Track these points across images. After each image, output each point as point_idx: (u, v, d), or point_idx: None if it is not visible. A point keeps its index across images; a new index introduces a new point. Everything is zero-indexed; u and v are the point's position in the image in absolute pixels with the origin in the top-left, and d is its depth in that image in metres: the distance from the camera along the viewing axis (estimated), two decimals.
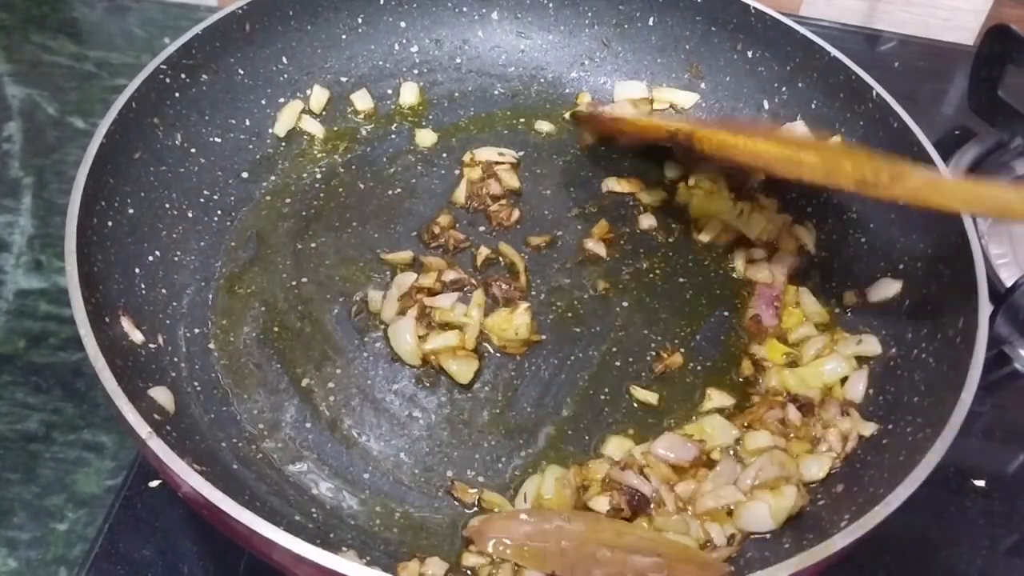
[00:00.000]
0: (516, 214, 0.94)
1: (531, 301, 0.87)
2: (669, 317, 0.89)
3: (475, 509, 0.75)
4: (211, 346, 0.83)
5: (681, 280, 0.92)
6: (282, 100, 0.99)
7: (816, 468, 0.75)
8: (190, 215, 0.89)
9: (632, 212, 0.97)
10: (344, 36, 1.04)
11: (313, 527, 0.72)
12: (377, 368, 0.83)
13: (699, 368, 0.85)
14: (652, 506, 0.73)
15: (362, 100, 1.03)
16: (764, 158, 0.82)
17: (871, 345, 0.84)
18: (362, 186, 0.97)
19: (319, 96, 1.01)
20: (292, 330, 0.85)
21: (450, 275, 0.87)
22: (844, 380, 0.83)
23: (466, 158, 0.99)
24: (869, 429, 0.77)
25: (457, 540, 0.72)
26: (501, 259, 0.91)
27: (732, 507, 0.73)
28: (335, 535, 0.72)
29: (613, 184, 0.99)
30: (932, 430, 0.68)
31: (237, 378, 0.81)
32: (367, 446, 0.78)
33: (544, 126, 1.04)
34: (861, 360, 0.84)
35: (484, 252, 0.91)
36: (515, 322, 0.84)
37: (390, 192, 0.96)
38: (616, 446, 0.79)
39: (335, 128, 1.01)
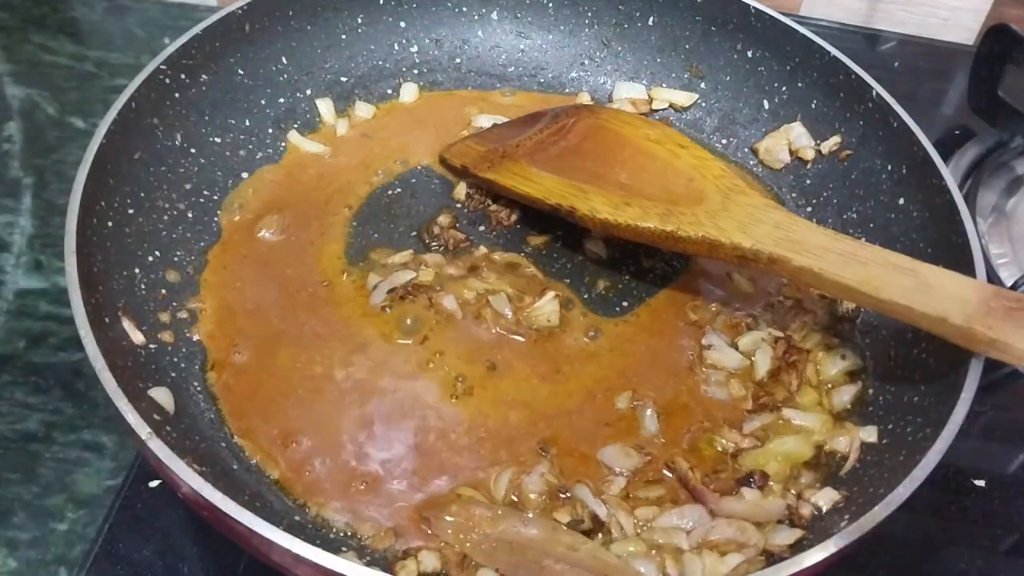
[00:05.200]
0: (516, 215, 0.94)
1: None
2: None
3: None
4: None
5: (682, 280, 0.92)
6: (283, 126, 0.99)
7: (787, 535, 0.71)
8: (190, 215, 0.89)
9: None
10: (344, 36, 1.04)
11: (313, 527, 0.72)
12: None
13: None
14: (608, 527, 0.72)
15: (363, 109, 1.03)
16: (646, 237, 0.84)
17: (854, 360, 0.83)
18: (362, 186, 0.97)
19: (324, 109, 1.01)
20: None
21: (450, 270, 0.88)
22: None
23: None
24: (871, 435, 0.77)
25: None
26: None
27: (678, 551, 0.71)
28: (334, 535, 0.72)
29: None
30: (932, 430, 0.68)
31: None
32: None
33: None
34: (853, 375, 0.83)
35: (482, 251, 0.91)
36: (545, 309, 0.85)
37: (390, 192, 0.97)
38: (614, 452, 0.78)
39: (337, 135, 1.01)
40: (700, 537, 0.71)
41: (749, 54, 1.02)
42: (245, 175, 0.95)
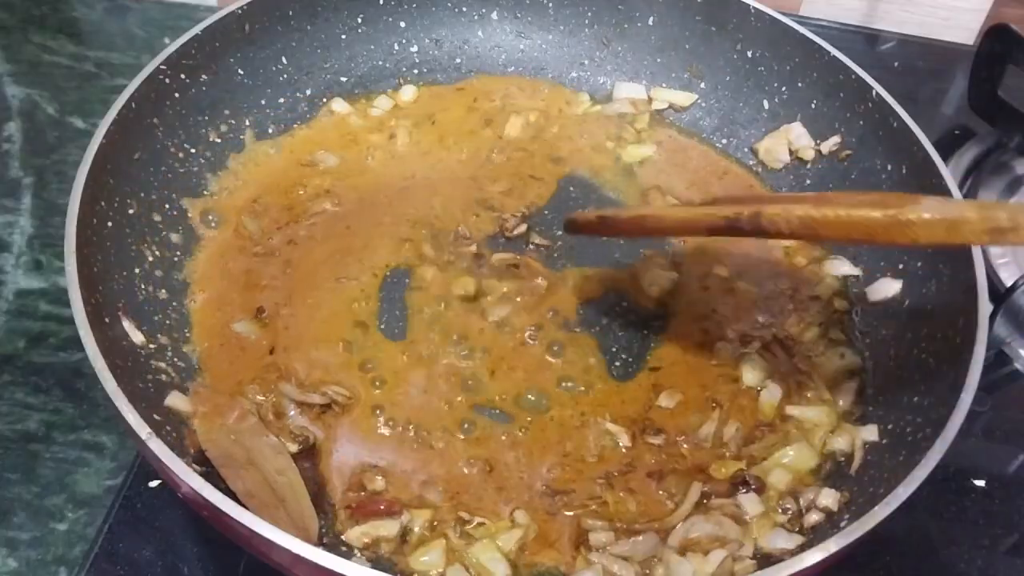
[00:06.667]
0: (523, 226, 0.94)
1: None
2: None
3: None
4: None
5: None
6: (284, 126, 0.99)
7: (787, 540, 0.71)
8: (190, 215, 0.89)
9: None
10: (344, 36, 1.04)
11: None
12: None
13: None
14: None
15: (363, 107, 1.03)
16: (861, 230, 0.66)
17: (853, 359, 0.84)
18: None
19: (328, 108, 1.02)
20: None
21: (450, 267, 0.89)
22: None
23: None
24: (872, 434, 0.77)
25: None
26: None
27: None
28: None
29: None
30: (932, 430, 0.68)
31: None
32: None
33: None
34: (852, 373, 0.83)
35: (483, 250, 0.91)
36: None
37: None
38: None
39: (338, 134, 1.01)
40: (681, 537, 0.71)
41: (749, 54, 1.02)
42: (245, 174, 0.95)
